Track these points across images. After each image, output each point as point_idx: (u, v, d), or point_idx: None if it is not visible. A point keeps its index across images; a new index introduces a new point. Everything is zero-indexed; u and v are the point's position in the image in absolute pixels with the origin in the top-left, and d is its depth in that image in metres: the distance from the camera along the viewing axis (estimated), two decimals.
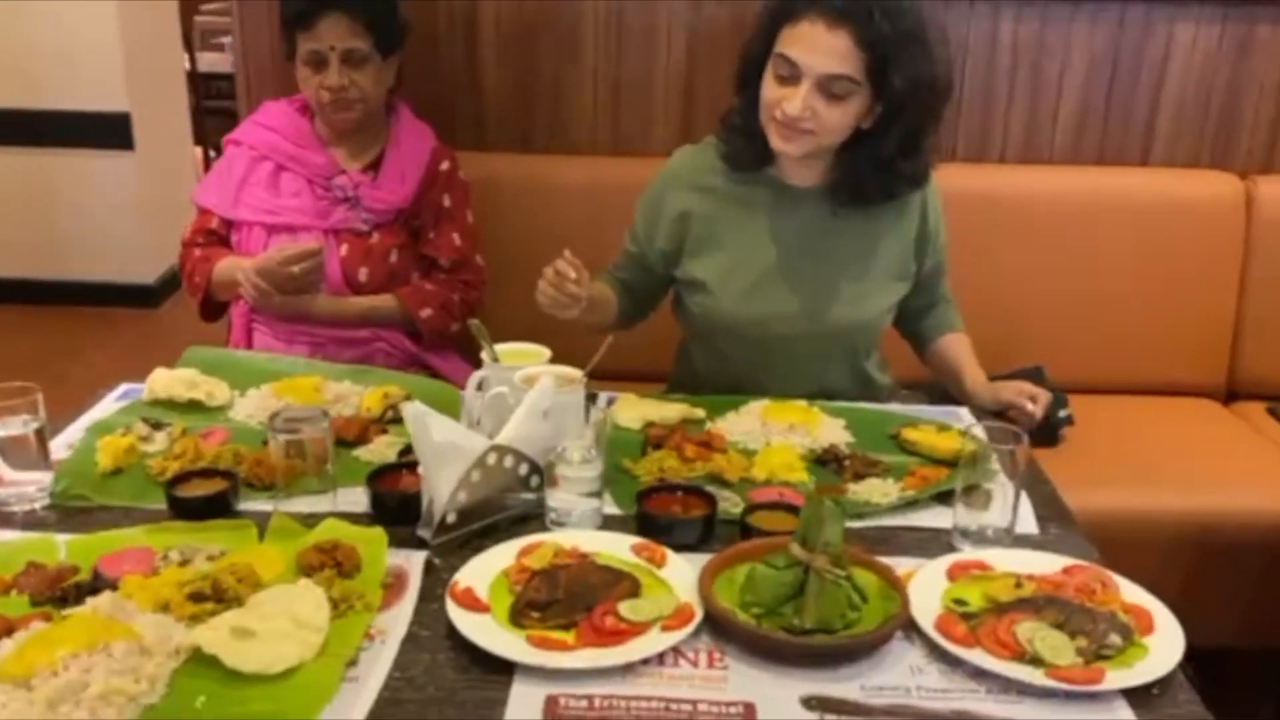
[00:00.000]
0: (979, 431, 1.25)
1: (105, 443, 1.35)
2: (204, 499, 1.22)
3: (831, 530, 1.04)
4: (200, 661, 0.95)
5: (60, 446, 1.38)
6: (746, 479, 1.36)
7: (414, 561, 1.13)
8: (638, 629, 1.02)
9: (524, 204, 2.22)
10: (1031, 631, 1.01)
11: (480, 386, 1.37)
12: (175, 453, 1.33)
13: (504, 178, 2.22)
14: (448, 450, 1.16)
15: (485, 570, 1.10)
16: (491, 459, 1.19)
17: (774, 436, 1.46)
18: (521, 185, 2.24)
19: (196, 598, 1.03)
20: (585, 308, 1.51)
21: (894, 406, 1.63)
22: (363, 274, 1.89)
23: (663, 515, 1.21)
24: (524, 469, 1.23)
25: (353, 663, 0.98)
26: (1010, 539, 1.23)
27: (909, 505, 1.31)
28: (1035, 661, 0.99)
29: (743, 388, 1.64)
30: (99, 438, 1.37)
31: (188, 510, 1.22)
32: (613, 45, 2.24)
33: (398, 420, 1.46)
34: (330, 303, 1.86)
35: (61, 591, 1.06)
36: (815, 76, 1.50)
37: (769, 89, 1.55)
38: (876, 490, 1.33)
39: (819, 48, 1.49)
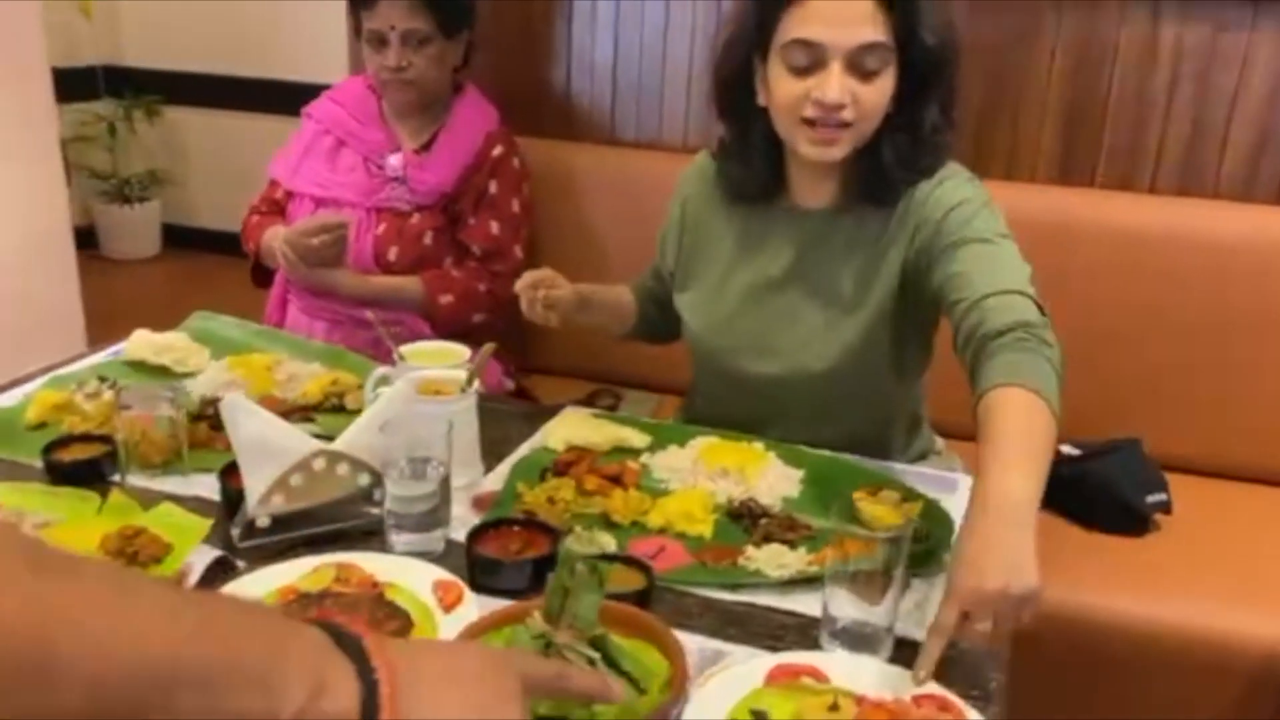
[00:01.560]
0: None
1: (40, 395, 1.39)
2: (67, 464, 1.22)
3: (584, 602, 0.88)
4: None
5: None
6: (639, 524, 1.20)
7: (203, 560, 1.07)
8: None
9: (608, 197, 2.13)
10: None
11: (377, 386, 1.29)
12: (88, 414, 1.35)
13: (590, 169, 2.13)
14: (260, 449, 1.09)
15: (257, 584, 1.03)
16: (319, 464, 1.11)
17: (700, 479, 1.29)
18: (609, 178, 2.14)
19: None
20: (570, 312, 1.44)
21: (879, 464, 1.39)
22: (393, 253, 1.86)
23: (485, 554, 1.09)
24: (364, 479, 1.14)
25: None
26: (888, 649, 1.01)
27: (806, 583, 1.11)
28: None
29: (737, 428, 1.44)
30: (51, 390, 1.41)
31: (58, 474, 1.23)
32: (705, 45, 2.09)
33: (337, 410, 1.42)
34: (354, 279, 1.84)
35: None
36: (845, 51, 1.28)
37: (787, 87, 1.32)
38: (774, 560, 1.14)
39: (841, 17, 1.29)
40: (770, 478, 1.30)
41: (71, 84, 4.50)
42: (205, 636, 0.55)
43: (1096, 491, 1.68)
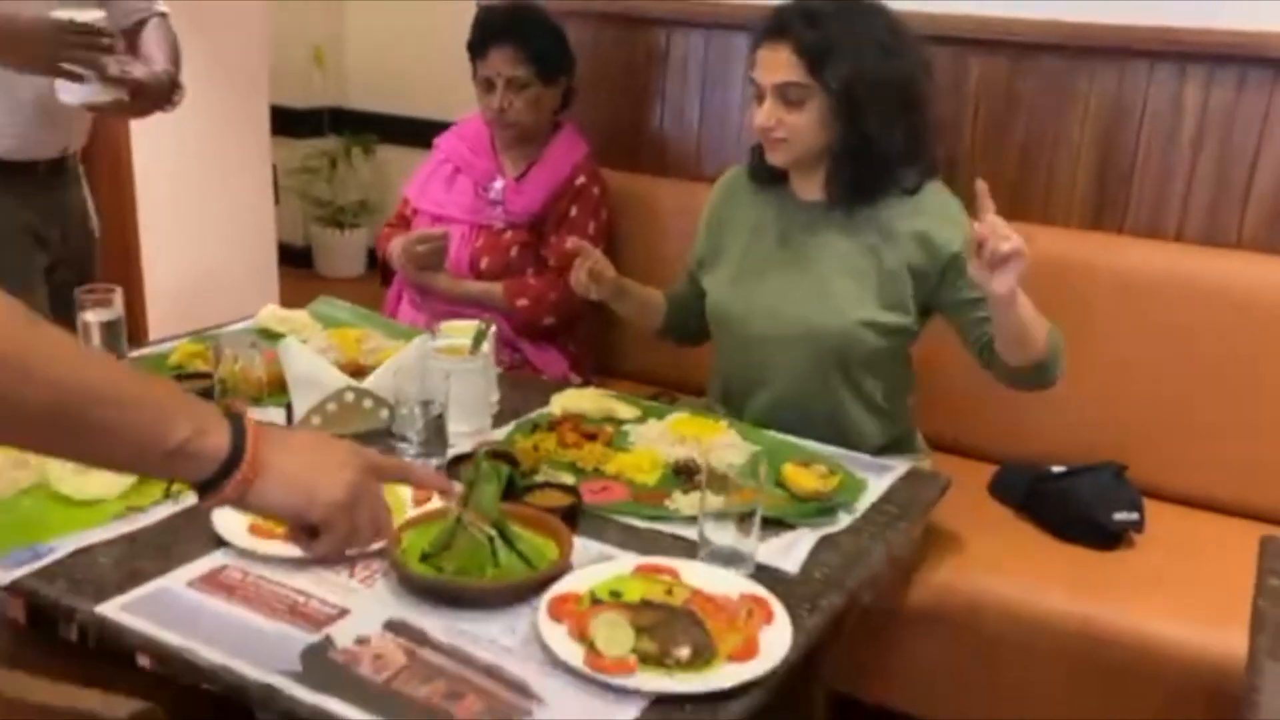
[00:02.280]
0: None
1: (183, 345, 1.81)
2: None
3: (485, 491, 1.18)
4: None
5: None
6: (599, 470, 1.49)
7: None
8: None
9: (689, 225, 2.41)
10: (604, 623, 1.08)
11: None
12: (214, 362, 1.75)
13: (673, 200, 2.43)
14: (305, 381, 1.45)
15: None
16: (348, 396, 1.46)
17: (661, 444, 1.56)
18: (691, 208, 2.43)
19: None
20: (608, 294, 1.82)
21: (829, 449, 1.62)
22: (484, 262, 2.22)
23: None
24: (384, 413, 1.48)
25: (139, 508, 1.31)
26: (748, 567, 1.25)
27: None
28: (592, 648, 1.06)
29: (737, 395, 1.83)
30: (192, 343, 1.84)
31: None
32: None
33: None
34: (450, 281, 2.21)
35: None
36: (770, 88, 1.71)
37: (752, 111, 1.75)
38: (693, 504, 1.39)
39: (768, 64, 1.71)
40: (721, 447, 1.56)
41: (303, 123, 5.21)
42: (128, 378, 0.88)
43: (1068, 506, 1.82)
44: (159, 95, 1.94)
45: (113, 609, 1.12)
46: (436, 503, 1.27)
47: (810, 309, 1.76)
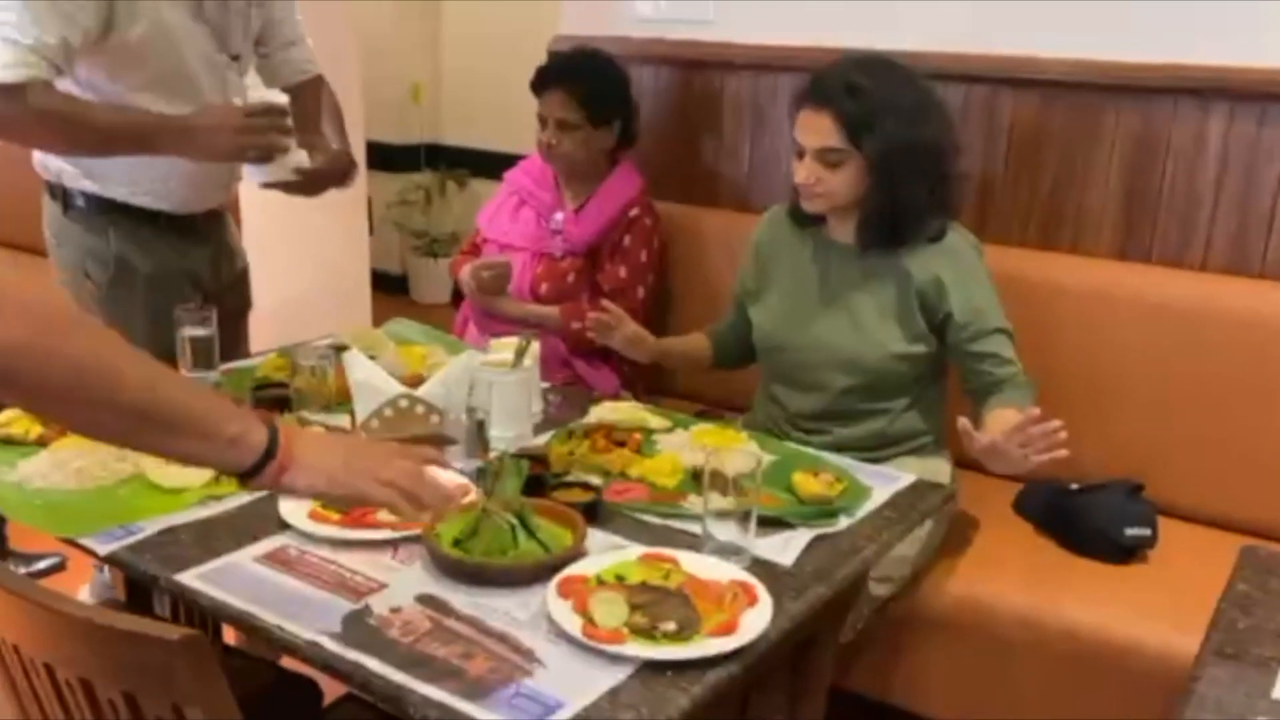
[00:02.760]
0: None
1: (270, 359, 2.02)
2: (259, 396, 1.83)
3: (508, 483, 1.35)
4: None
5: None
6: (624, 473, 1.64)
7: None
8: (391, 525, 1.41)
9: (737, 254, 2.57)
10: (602, 599, 1.23)
11: None
12: (291, 373, 1.96)
13: (723, 230, 2.58)
14: (365, 388, 1.64)
15: None
16: (403, 403, 1.64)
17: (684, 451, 1.70)
18: (739, 238, 2.58)
19: None
20: (647, 358, 2.09)
21: (839, 458, 1.73)
22: (543, 288, 2.40)
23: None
24: (434, 419, 1.66)
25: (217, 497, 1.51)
26: (746, 559, 1.39)
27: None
28: (590, 620, 1.21)
29: (783, 410, 2.05)
30: (278, 356, 2.05)
31: (256, 403, 1.83)
32: None
33: None
34: (512, 304, 2.40)
35: None
36: (812, 150, 1.89)
37: (793, 164, 1.92)
38: (723, 503, 1.53)
39: (810, 128, 1.88)
40: (740, 455, 1.69)
41: (401, 157, 5.51)
42: (198, 392, 1.14)
43: (1083, 521, 1.91)
44: (337, 176, 2.09)
45: (189, 577, 1.31)
46: (471, 498, 1.44)
47: (848, 341, 1.95)
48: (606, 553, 1.38)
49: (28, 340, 0.99)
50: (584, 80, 2.39)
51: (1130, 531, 1.86)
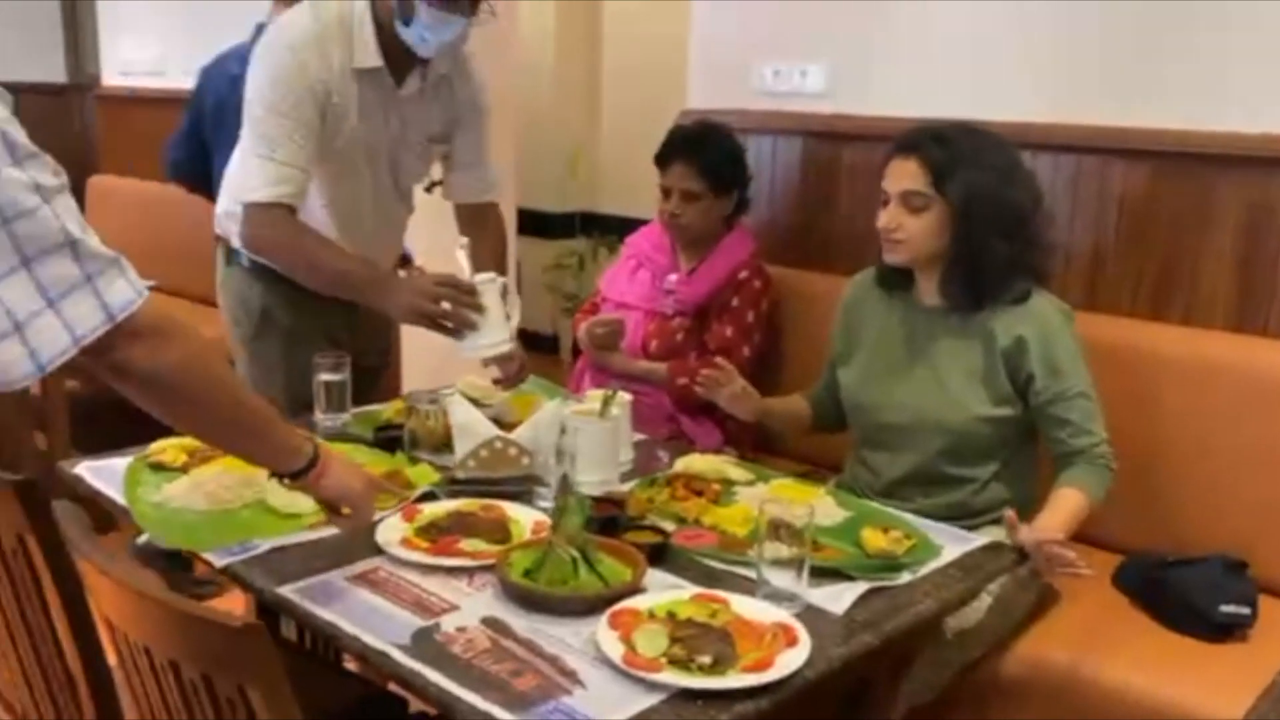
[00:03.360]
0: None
1: (395, 403, 2.20)
2: (378, 437, 2.00)
3: (571, 519, 1.45)
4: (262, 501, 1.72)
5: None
6: (698, 520, 1.72)
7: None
8: (471, 554, 1.54)
9: None
10: (644, 631, 1.31)
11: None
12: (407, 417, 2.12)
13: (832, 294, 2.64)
14: (464, 430, 1.78)
15: (445, 506, 1.70)
16: (498, 444, 1.78)
17: (759, 502, 1.77)
18: None
19: None
20: (750, 415, 2.17)
21: (915, 520, 1.76)
22: (653, 345, 2.52)
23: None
24: (525, 460, 1.79)
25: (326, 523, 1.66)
26: (798, 606, 1.44)
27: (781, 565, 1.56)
28: (631, 649, 1.29)
29: (871, 472, 2.07)
30: (400, 400, 2.23)
31: (375, 443, 2.00)
32: None
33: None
34: (623, 360, 2.52)
35: None
36: (896, 194, 1.95)
37: (879, 214, 1.97)
38: (771, 553, 1.59)
39: (895, 174, 1.97)
40: (816, 510, 1.75)
41: (557, 224, 5.78)
42: (267, 408, 1.32)
43: (1177, 596, 1.86)
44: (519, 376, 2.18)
45: (288, 590, 1.46)
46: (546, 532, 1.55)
47: (933, 404, 1.97)
48: (664, 591, 1.46)
49: (188, 362, 1.25)
50: (706, 152, 2.52)
51: (1226, 609, 1.81)
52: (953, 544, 1.68)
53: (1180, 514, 2.09)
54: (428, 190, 2.41)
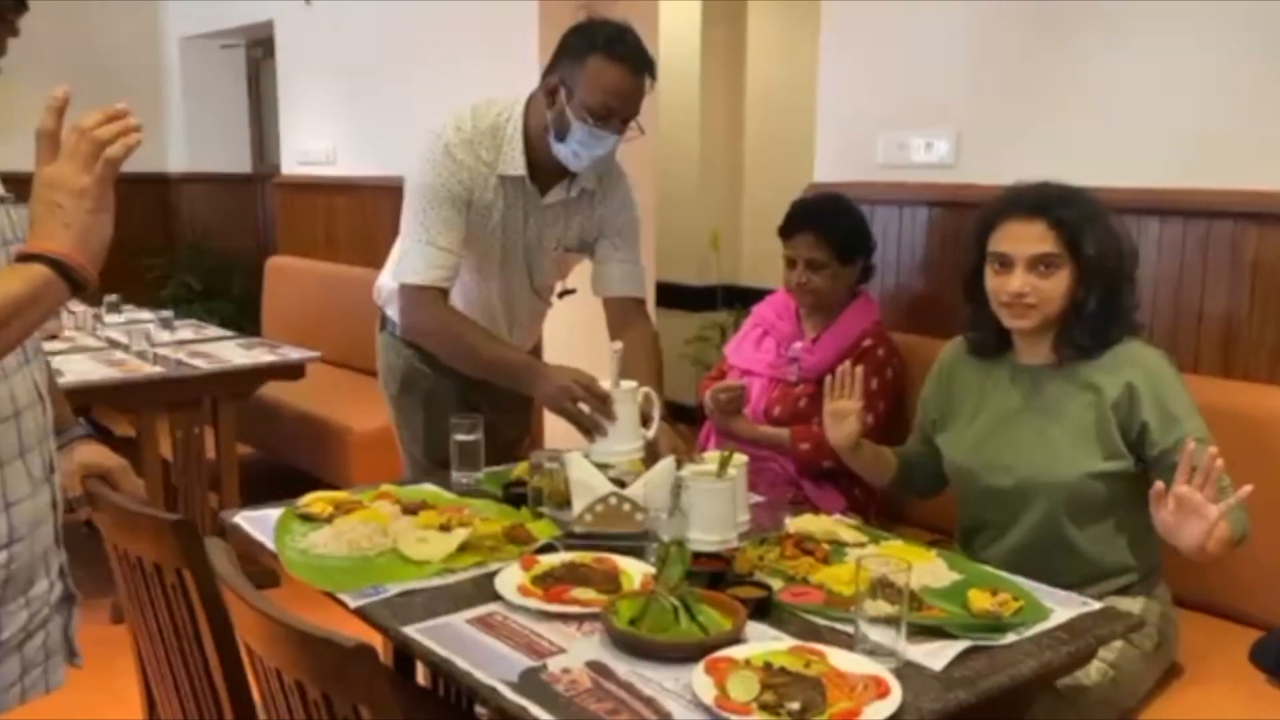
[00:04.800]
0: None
1: (520, 465, 2.32)
2: (506, 493, 2.11)
3: (672, 570, 1.51)
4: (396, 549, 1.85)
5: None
6: (806, 579, 1.76)
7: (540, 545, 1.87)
8: (581, 602, 1.62)
9: None
10: (738, 677, 1.36)
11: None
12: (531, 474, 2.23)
13: None
14: (581, 486, 1.87)
15: (561, 557, 1.79)
16: (612, 500, 1.86)
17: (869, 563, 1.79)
18: None
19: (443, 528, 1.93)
20: (846, 443, 2.13)
21: (1027, 583, 1.74)
22: (777, 410, 2.57)
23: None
24: (639, 515, 1.86)
25: (452, 570, 1.78)
26: (896, 661, 1.46)
27: (885, 623, 1.57)
28: (724, 693, 1.34)
29: (981, 542, 2.04)
30: (524, 463, 2.34)
31: (504, 499, 2.12)
32: None
33: None
34: (747, 425, 2.59)
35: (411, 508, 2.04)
36: (1025, 259, 1.92)
37: (991, 281, 1.98)
38: (875, 610, 1.62)
39: (1022, 237, 1.93)
40: (925, 571, 1.76)
41: (699, 298, 5.91)
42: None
43: None
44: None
45: (412, 630, 1.57)
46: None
47: (1042, 465, 1.94)
48: (764, 643, 1.51)
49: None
50: (828, 221, 2.59)
51: None
52: (1063, 607, 1.67)
53: None
54: (560, 297, 2.53)
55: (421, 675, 2.29)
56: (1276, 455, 2.10)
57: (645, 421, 2.11)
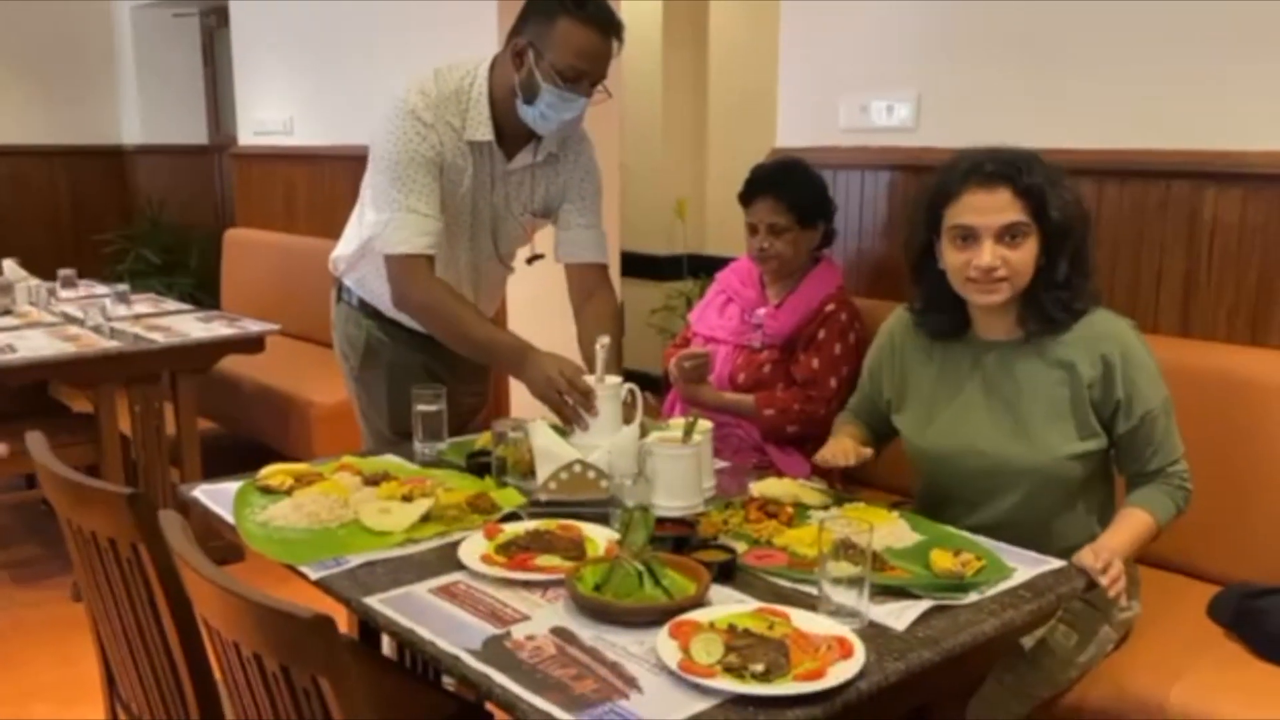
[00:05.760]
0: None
1: (484, 435, 2.30)
2: (469, 463, 2.10)
3: (635, 534, 1.51)
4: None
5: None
6: (771, 541, 1.76)
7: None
8: (545, 569, 1.61)
9: None
10: (701, 639, 1.35)
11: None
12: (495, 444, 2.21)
13: None
14: (544, 454, 1.86)
15: (525, 525, 1.78)
16: (576, 468, 1.85)
17: (832, 524, 1.79)
18: None
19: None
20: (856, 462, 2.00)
21: (989, 543, 1.74)
22: (741, 377, 2.57)
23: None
24: (604, 483, 1.85)
25: (415, 541, 1.76)
26: (860, 622, 1.47)
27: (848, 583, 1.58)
28: (688, 655, 1.34)
29: (947, 519, 1.92)
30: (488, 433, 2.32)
31: (467, 469, 2.10)
32: None
33: None
34: (711, 392, 2.58)
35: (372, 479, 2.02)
36: (993, 230, 1.82)
37: (952, 257, 1.88)
38: (838, 571, 1.62)
39: (987, 207, 1.82)
40: (887, 532, 1.77)
41: (665, 267, 5.89)
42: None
43: (1270, 623, 1.81)
44: None
45: (374, 601, 1.56)
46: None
47: (1016, 448, 1.87)
48: (728, 605, 1.50)
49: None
50: (788, 186, 2.58)
51: None
52: (1026, 566, 1.68)
53: (1278, 542, 2.03)
54: (529, 262, 2.50)
55: (387, 646, 2.29)
56: (1234, 414, 2.12)
57: (629, 419, 2.07)
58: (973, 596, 1.58)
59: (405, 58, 4.15)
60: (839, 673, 1.32)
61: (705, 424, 1.97)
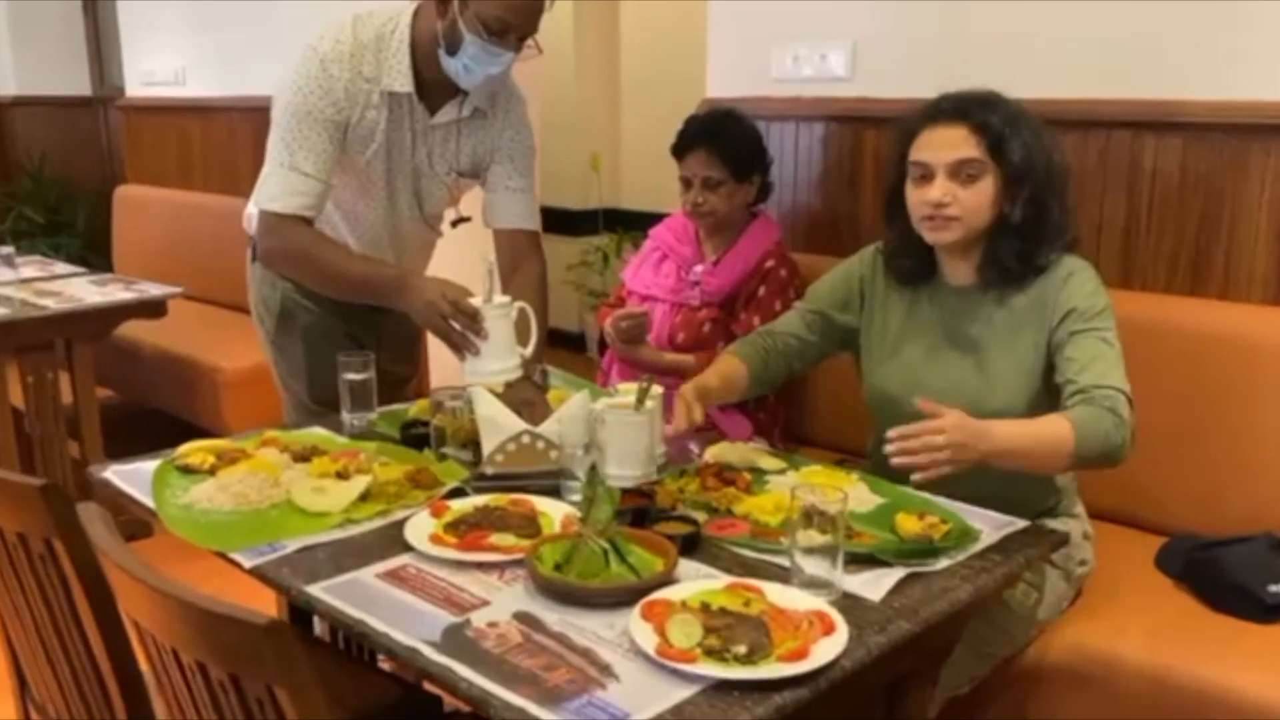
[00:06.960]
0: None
1: (420, 402, 2.19)
2: (405, 435, 1.98)
3: (600, 510, 1.43)
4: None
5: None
6: (730, 510, 1.69)
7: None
8: (501, 549, 1.52)
9: None
10: (678, 621, 1.28)
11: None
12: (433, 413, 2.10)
13: None
14: (490, 424, 1.76)
15: (472, 502, 1.68)
16: (525, 439, 1.76)
17: (789, 490, 1.74)
18: None
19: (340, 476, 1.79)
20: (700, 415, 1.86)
21: (953, 504, 1.70)
22: (680, 337, 2.49)
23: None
24: (554, 454, 1.76)
25: (354, 521, 1.65)
26: (834, 593, 1.42)
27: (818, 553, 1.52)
28: (665, 640, 1.27)
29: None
30: (426, 400, 2.21)
31: (402, 440, 1.99)
32: None
33: None
34: (651, 353, 2.50)
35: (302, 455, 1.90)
36: (945, 166, 1.78)
37: (910, 195, 1.84)
38: (804, 541, 1.56)
39: (941, 143, 1.80)
40: (831, 493, 1.71)
41: (581, 222, 5.77)
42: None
43: (1220, 576, 1.82)
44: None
45: (317, 589, 1.45)
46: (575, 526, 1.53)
47: (979, 394, 1.81)
48: (697, 581, 1.44)
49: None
50: (723, 138, 2.49)
51: (1273, 588, 1.77)
52: (991, 528, 1.65)
53: (1223, 493, 2.05)
54: (454, 225, 2.37)
55: (318, 625, 2.17)
56: (1173, 365, 2.12)
57: (525, 341, 1.97)
58: (943, 562, 1.54)
59: (315, 6, 3.92)
60: (823, 651, 1.26)
61: (657, 389, 1.88)
